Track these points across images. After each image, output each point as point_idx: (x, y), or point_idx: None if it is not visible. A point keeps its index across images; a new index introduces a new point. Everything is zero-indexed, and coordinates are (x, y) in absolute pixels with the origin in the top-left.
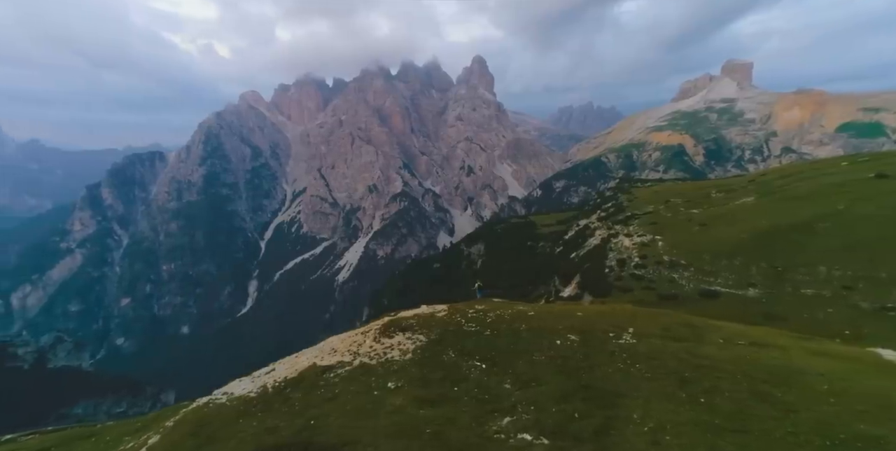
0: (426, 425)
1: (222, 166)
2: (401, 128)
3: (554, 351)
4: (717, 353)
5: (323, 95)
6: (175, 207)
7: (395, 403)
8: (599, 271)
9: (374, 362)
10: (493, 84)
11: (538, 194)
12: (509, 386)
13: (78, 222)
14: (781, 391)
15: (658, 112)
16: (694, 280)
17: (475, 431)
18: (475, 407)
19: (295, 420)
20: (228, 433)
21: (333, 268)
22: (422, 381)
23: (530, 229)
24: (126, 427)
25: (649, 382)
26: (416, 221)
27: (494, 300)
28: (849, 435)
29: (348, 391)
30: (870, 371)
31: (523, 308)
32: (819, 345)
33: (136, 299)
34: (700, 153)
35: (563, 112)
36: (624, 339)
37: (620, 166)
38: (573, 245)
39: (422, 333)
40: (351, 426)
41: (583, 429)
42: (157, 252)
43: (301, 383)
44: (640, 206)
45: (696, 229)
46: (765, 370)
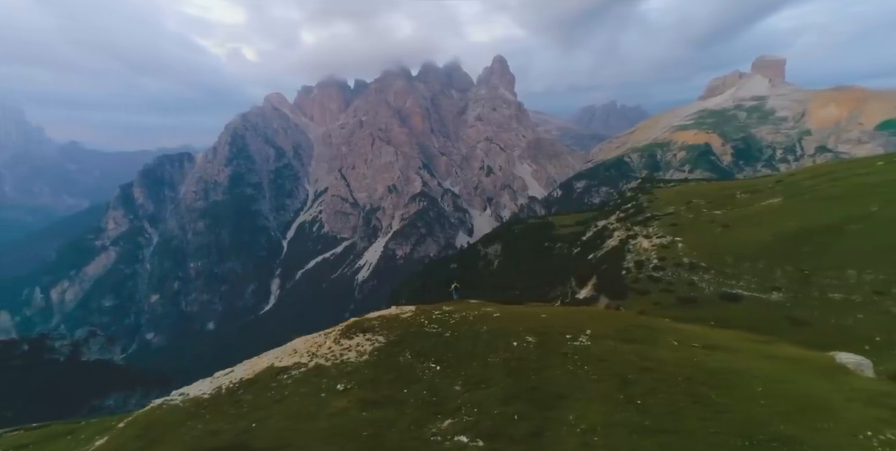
0: (364, 427)
1: (247, 167)
2: (420, 128)
3: (509, 353)
4: (666, 355)
5: (344, 96)
6: (202, 206)
7: (339, 405)
8: (616, 273)
9: (329, 364)
10: (513, 84)
11: (558, 195)
12: (459, 388)
13: (112, 221)
14: (717, 393)
15: (684, 111)
16: (714, 283)
17: (413, 433)
18: (420, 409)
19: (238, 423)
20: (173, 435)
21: (353, 267)
22: (372, 382)
23: (548, 230)
24: (103, 425)
25: (594, 383)
26: (434, 221)
27: (470, 302)
28: (767, 435)
29: (298, 392)
30: (811, 374)
31: (490, 309)
32: (773, 348)
33: (165, 295)
34: (728, 153)
35: (586, 111)
36: (579, 341)
37: (644, 166)
38: (591, 246)
39: (382, 334)
40: (290, 429)
41: (519, 431)
42: (184, 250)
43: (254, 384)
44: (661, 207)
45: (719, 231)
46: (707, 373)
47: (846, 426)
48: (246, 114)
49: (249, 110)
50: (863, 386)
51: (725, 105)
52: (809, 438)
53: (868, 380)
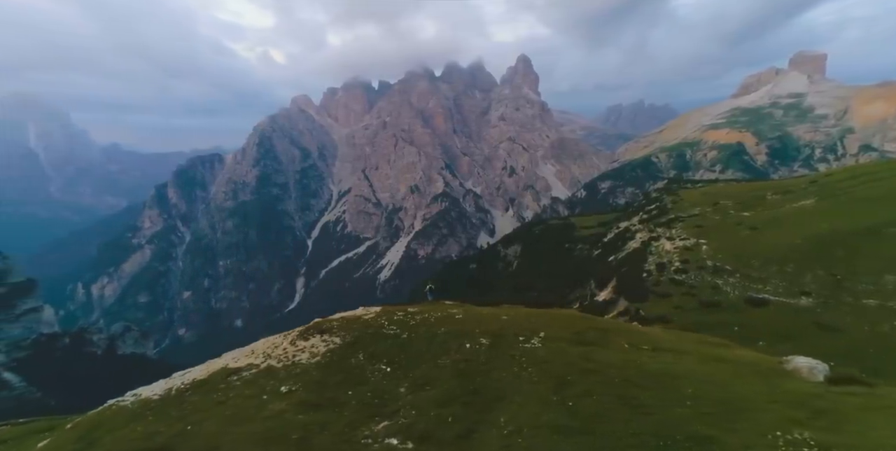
0: (297, 430)
1: (274, 168)
2: (443, 129)
3: (461, 354)
4: (612, 357)
5: (368, 97)
6: (231, 206)
7: (277, 407)
8: (637, 276)
9: (280, 365)
10: (537, 83)
11: (582, 195)
12: (404, 390)
13: (147, 220)
14: (647, 395)
15: (715, 109)
16: (740, 287)
17: (344, 436)
18: (359, 411)
19: (176, 425)
20: (111, 437)
21: (376, 267)
22: (318, 384)
23: (569, 231)
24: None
25: (533, 385)
26: (456, 221)
27: (445, 303)
28: (683, 436)
29: (242, 394)
30: (749, 377)
31: (454, 311)
32: (724, 351)
33: (196, 292)
34: (762, 152)
35: (612, 111)
36: (531, 343)
37: (672, 166)
38: (612, 248)
39: (339, 335)
40: (222, 433)
41: (449, 433)
42: (214, 249)
43: (204, 386)
44: (686, 208)
45: (746, 233)
46: (645, 375)
47: (759, 426)
48: (273, 116)
49: (277, 112)
50: (795, 388)
51: (760, 103)
52: (722, 438)
53: (805, 383)
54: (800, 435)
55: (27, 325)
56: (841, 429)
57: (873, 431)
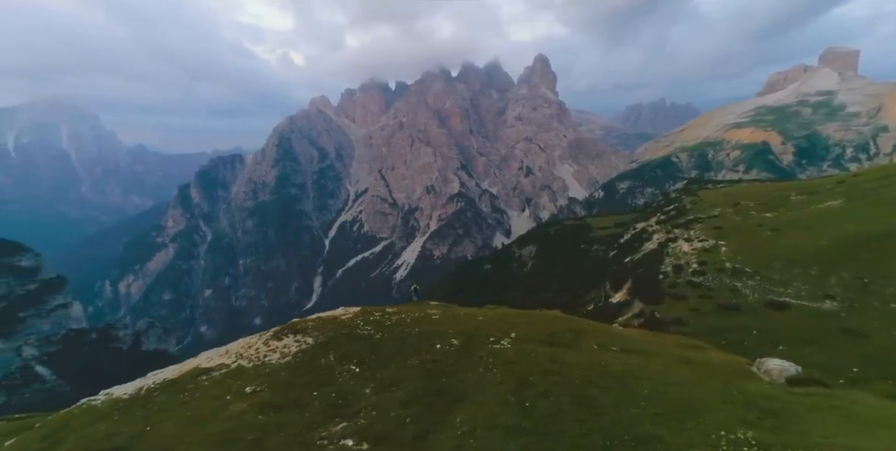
0: (252, 432)
1: (292, 168)
2: (459, 129)
3: (430, 355)
4: (577, 358)
5: (385, 98)
6: (251, 206)
7: (238, 408)
8: (653, 277)
9: (250, 365)
10: (555, 83)
11: (600, 196)
12: (369, 391)
13: (171, 219)
14: (604, 395)
15: (739, 107)
16: (760, 290)
17: (301, 437)
18: (321, 412)
19: (138, 426)
20: (75, 437)
21: (391, 266)
22: (285, 385)
23: (585, 232)
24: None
25: (495, 386)
26: (472, 221)
27: (430, 303)
28: (631, 436)
29: (208, 395)
30: (711, 378)
31: (432, 311)
32: (695, 353)
33: (217, 290)
34: (789, 152)
35: (632, 110)
36: (501, 344)
37: (693, 166)
38: (628, 249)
39: (312, 336)
40: (179, 434)
41: (406, 434)
42: (235, 248)
43: (173, 386)
44: (705, 209)
45: (768, 235)
46: (606, 375)
47: (706, 426)
48: (292, 117)
49: (295, 113)
50: (753, 390)
51: (787, 101)
52: (667, 437)
53: (766, 385)
54: (743, 435)
55: (57, 320)
56: (785, 429)
57: (816, 430)
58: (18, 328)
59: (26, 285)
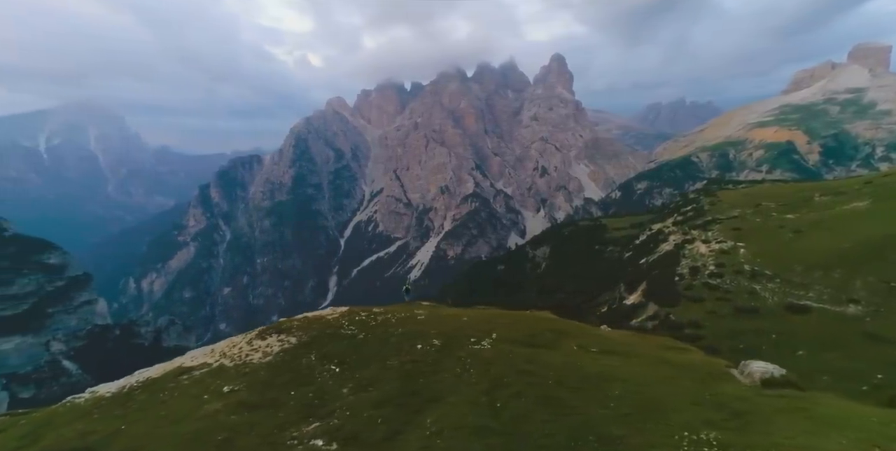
0: (223, 431)
1: (309, 168)
2: (474, 129)
3: (410, 356)
4: (554, 359)
5: (401, 98)
6: (268, 205)
7: (212, 408)
8: (668, 279)
9: (231, 365)
10: (571, 82)
11: (617, 196)
12: (347, 391)
13: (192, 219)
14: (574, 396)
15: (762, 106)
16: (779, 293)
17: (271, 437)
18: (295, 412)
19: (113, 424)
20: (53, 435)
21: (406, 266)
22: (263, 384)
23: (600, 233)
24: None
25: (469, 387)
26: (486, 222)
27: (421, 303)
28: (595, 436)
29: (186, 394)
30: (686, 379)
31: (420, 311)
32: (675, 355)
33: (235, 288)
34: (815, 151)
35: (651, 109)
36: (481, 344)
37: (714, 166)
38: (643, 250)
39: (295, 335)
40: (151, 433)
41: (375, 435)
42: (253, 247)
43: (154, 384)
44: (724, 210)
45: (789, 237)
46: (580, 376)
47: (670, 427)
48: (309, 118)
49: (312, 114)
50: (725, 391)
51: (814, 99)
52: (630, 438)
53: (740, 386)
54: (705, 436)
55: (83, 316)
56: (749, 430)
57: (778, 431)
58: (47, 324)
59: (54, 281)
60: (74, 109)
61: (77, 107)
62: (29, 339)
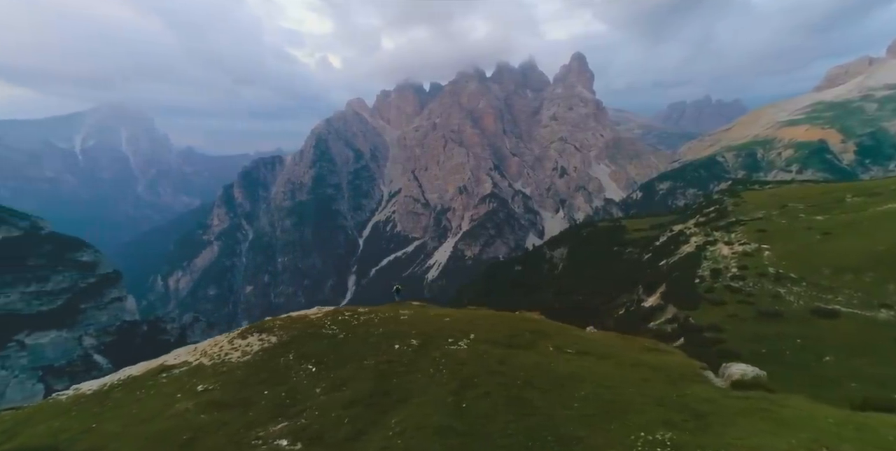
0: (190, 431)
1: (329, 169)
2: (492, 129)
3: (388, 356)
4: (527, 360)
5: (420, 99)
6: (289, 205)
7: (182, 407)
8: (688, 281)
9: (209, 364)
10: (592, 82)
11: (638, 197)
12: (320, 390)
13: (216, 218)
14: (541, 397)
15: (793, 104)
16: (806, 297)
17: (236, 437)
18: (266, 412)
19: (86, 423)
20: (30, 432)
21: (423, 266)
22: (239, 383)
23: (619, 234)
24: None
25: (439, 387)
26: (504, 222)
27: (412, 303)
28: (555, 437)
29: (161, 392)
30: (657, 381)
31: (404, 312)
32: (651, 356)
33: (257, 287)
34: (850, 150)
35: (674, 108)
36: (458, 345)
37: (740, 166)
38: (663, 252)
39: (276, 335)
40: (119, 433)
41: (340, 435)
42: (274, 246)
43: (133, 383)
44: (749, 211)
45: (817, 239)
46: (550, 377)
47: (629, 427)
48: (329, 119)
49: (332, 115)
50: (693, 393)
51: (849, 96)
52: (588, 438)
53: (710, 388)
54: (661, 436)
55: (113, 313)
56: (706, 430)
57: (733, 432)
58: (79, 319)
59: (87, 279)
60: (107, 111)
61: (109, 109)
62: (63, 334)
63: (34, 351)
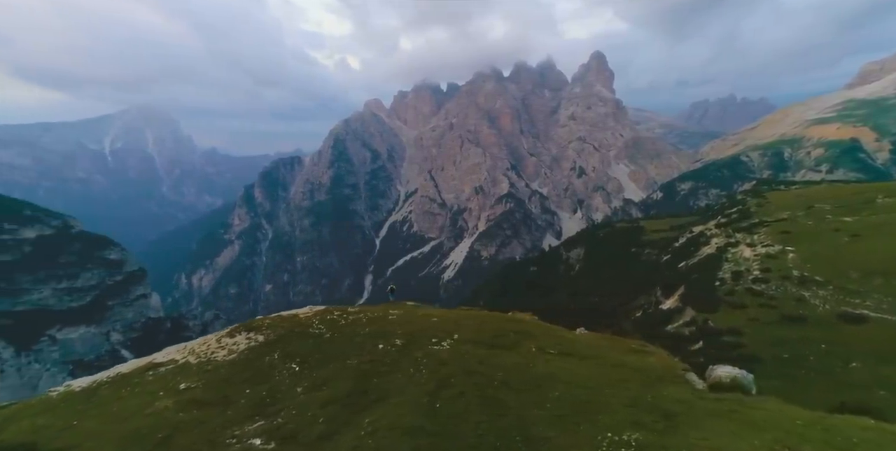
0: (166, 429)
1: (346, 169)
2: (510, 129)
3: (371, 356)
4: (507, 360)
5: (437, 99)
6: (308, 205)
7: (161, 405)
8: (708, 284)
9: (195, 362)
10: (612, 80)
11: (658, 197)
12: (301, 390)
13: (237, 218)
14: (515, 397)
15: (822, 102)
16: (832, 301)
17: (211, 435)
18: (245, 411)
19: (69, 419)
20: (15, 428)
21: (439, 267)
22: (222, 382)
23: (637, 235)
24: None
25: (417, 387)
26: (521, 223)
27: (406, 303)
28: (523, 437)
29: (145, 390)
30: (634, 382)
31: (393, 312)
32: (633, 358)
33: (276, 285)
34: (885, 149)
35: (697, 107)
36: (440, 345)
37: (766, 166)
38: (682, 254)
39: (264, 334)
40: (97, 430)
41: (313, 434)
42: (293, 245)
43: (121, 380)
44: (773, 212)
45: (845, 241)
46: (527, 378)
47: (597, 428)
48: (347, 119)
49: (350, 116)
50: (668, 394)
51: (884, 93)
52: (556, 439)
53: (685, 390)
54: (627, 437)
55: (138, 309)
56: (674, 431)
57: (700, 433)
58: (107, 316)
59: (114, 276)
60: (135, 113)
61: (137, 111)
62: (92, 329)
63: (64, 345)
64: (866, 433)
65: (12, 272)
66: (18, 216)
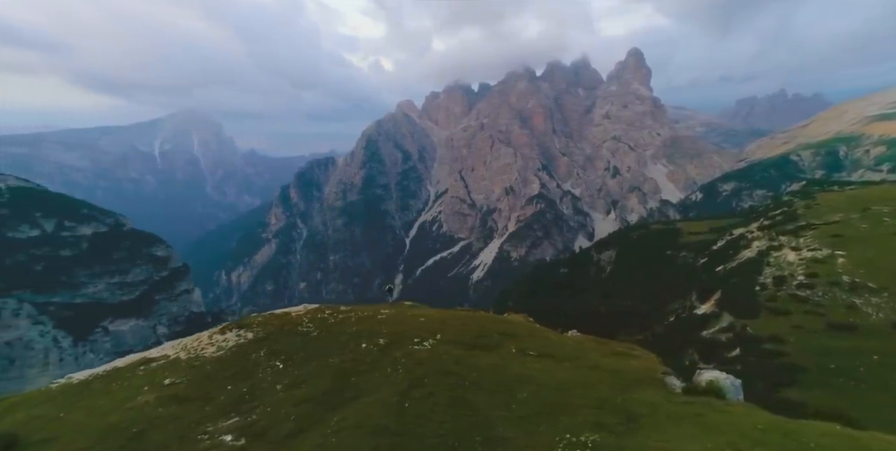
0: (142, 424)
1: (378, 169)
2: (542, 129)
3: (353, 354)
4: (484, 361)
5: (469, 99)
6: (340, 205)
7: (143, 400)
8: (748, 289)
9: (185, 358)
10: (649, 78)
11: (698, 198)
12: (280, 387)
13: (274, 217)
14: (483, 398)
15: (885, 97)
16: (886, 309)
17: (185, 431)
18: (223, 407)
19: (58, 412)
20: (10, 419)
21: (469, 267)
22: (205, 378)
23: (672, 237)
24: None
25: (391, 386)
26: (552, 223)
27: (404, 303)
28: (483, 437)
29: (132, 385)
30: (607, 384)
31: (385, 311)
32: (613, 360)
33: (310, 283)
34: None
35: (743, 104)
36: (422, 345)
37: (819, 166)
38: (721, 257)
39: (254, 331)
40: (77, 423)
41: (282, 431)
42: (326, 244)
43: (114, 374)
44: (822, 214)
45: None
46: (500, 379)
47: (557, 429)
48: (380, 121)
49: (383, 117)
50: (639, 397)
51: None
52: (514, 440)
53: (659, 393)
54: (585, 438)
55: (182, 304)
56: (634, 433)
57: (657, 435)
58: (154, 309)
59: (160, 272)
60: (182, 117)
61: (184, 115)
62: (140, 322)
63: (116, 337)
64: (825, 439)
65: (72, 267)
66: (77, 215)
